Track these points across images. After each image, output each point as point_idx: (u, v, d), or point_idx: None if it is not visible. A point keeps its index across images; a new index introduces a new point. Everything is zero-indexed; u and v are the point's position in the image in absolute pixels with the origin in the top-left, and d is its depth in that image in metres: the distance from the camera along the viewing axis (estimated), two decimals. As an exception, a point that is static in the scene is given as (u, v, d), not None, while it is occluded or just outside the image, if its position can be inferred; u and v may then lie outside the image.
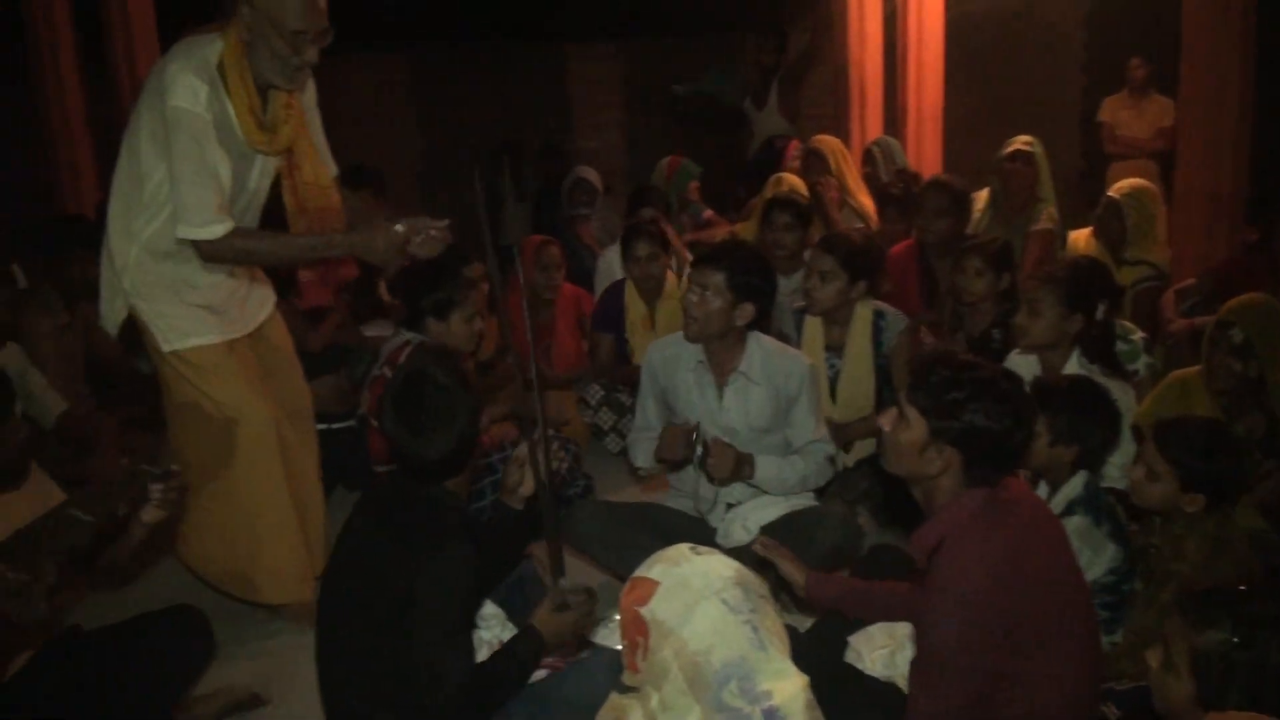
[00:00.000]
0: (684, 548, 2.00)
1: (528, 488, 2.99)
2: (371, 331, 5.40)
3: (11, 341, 4.66)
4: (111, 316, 3.50)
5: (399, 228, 3.18)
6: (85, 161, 6.93)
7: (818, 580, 3.03)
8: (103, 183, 6.94)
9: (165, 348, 3.40)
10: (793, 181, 6.34)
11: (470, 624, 2.81)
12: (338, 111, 3.95)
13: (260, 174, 3.36)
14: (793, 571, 3.04)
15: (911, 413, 2.46)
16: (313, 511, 3.82)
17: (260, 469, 3.51)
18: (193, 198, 3.11)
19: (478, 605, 2.99)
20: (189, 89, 3.05)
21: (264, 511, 3.56)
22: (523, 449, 2.94)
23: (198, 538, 3.65)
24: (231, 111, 3.16)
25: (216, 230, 3.14)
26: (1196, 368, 3.75)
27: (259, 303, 3.69)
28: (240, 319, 3.58)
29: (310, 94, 3.47)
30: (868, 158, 6.63)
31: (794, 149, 7.29)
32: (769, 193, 6.13)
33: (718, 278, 3.54)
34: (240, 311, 3.58)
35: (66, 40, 6.74)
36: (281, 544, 3.60)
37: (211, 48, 3.13)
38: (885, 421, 2.55)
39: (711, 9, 10.15)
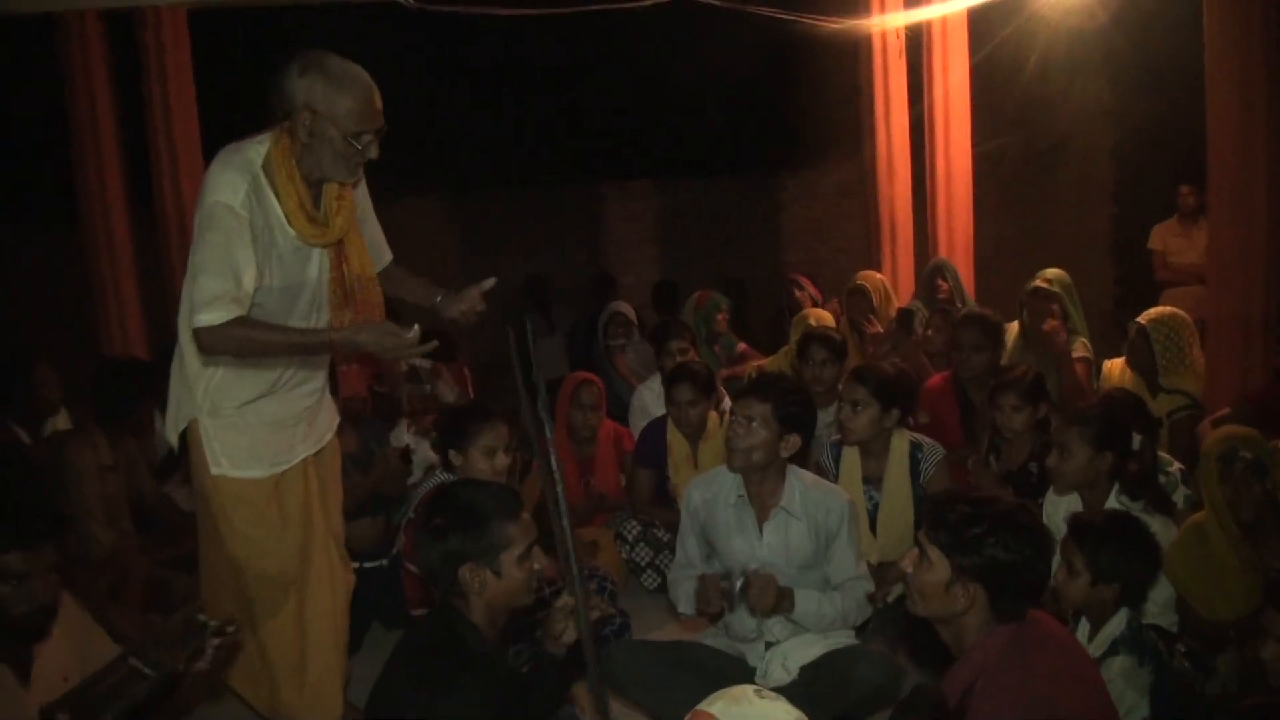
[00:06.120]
0: (749, 689, 1.99)
1: (570, 636, 2.96)
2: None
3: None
4: (174, 426, 3.49)
5: (388, 325, 3.17)
6: (132, 303, 7.04)
7: None
8: (150, 325, 7.10)
9: (213, 470, 3.40)
10: (819, 315, 6.43)
11: None
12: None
13: (320, 269, 3.36)
14: None
15: (933, 552, 2.47)
16: (326, 639, 3.69)
17: (273, 608, 3.51)
18: (205, 288, 3.06)
19: None
20: (230, 185, 3.09)
21: (276, 645, 3.54)
22: (566, 597, 2.93)
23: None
24: (279, 210, 3.18)
25: (219, 316, 3.05)
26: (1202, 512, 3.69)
27: (328, 421, 3.71)
28: (310, 436, 3.60)
29: (361, 187, 3.51)
30: (937, 277, 6.65)
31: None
32: (799, 328, 6.26)
33: (764, 409, 3.58)
34: (310, 428, 3.60)
35: (114, 183, 6.86)
36: (293, 679, 3.58)
37: (255, 150, 3.18)
38: (908, 563, 2.55)
39: (743, 151, 10.43)
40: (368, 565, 4.58)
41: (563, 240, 10.67)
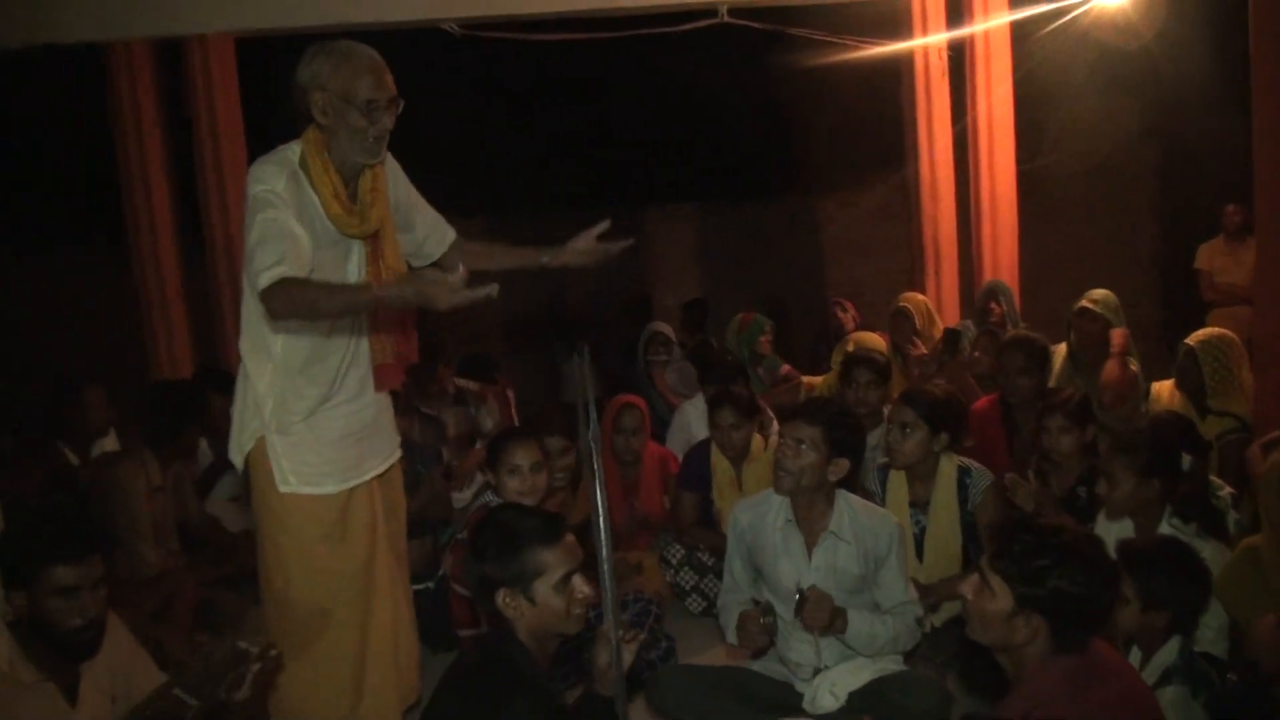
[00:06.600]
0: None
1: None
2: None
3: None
4: (238, 447, 3.47)
5: (431, 273, 3.25)
6: (180, 326, 7.10)
7: None
8: (198, 348, 7.17)
9: (281, 488, 3.38)
10: (867, 339, 6.40)
11: None
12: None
13: (358, 264, 3.39)
14: None
15: (996, 581, 2.43)
16: (385, 659, 3.67)
17: (331, 631, 3.48)
18: (263, 257, 3.04)
19: None
20: (271, 175, 3.17)
21: (331, 666, 3.50)
22: (608, 627, 2.87)
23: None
24: (317, 201, 3.24)
25: (278, 273, 3.00)
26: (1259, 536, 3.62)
27: (394, 442, 3.72)
28: (378, 454, 3.60)
29: (396, 175, 3.56)
30: (991, 300, 6.62)
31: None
32: (843, 350, 6.23)
33: (814, 432, 3.57)
34: (377, 445, 3.60)
35: (162, 208, 6.96)
36: (347, 701, 3.54)
37: (291, 150, 3.27)
38: (968, 590, 2.52)
39: (783, 171, 10.41)
40: (415, 588, 4.60)
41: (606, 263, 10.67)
